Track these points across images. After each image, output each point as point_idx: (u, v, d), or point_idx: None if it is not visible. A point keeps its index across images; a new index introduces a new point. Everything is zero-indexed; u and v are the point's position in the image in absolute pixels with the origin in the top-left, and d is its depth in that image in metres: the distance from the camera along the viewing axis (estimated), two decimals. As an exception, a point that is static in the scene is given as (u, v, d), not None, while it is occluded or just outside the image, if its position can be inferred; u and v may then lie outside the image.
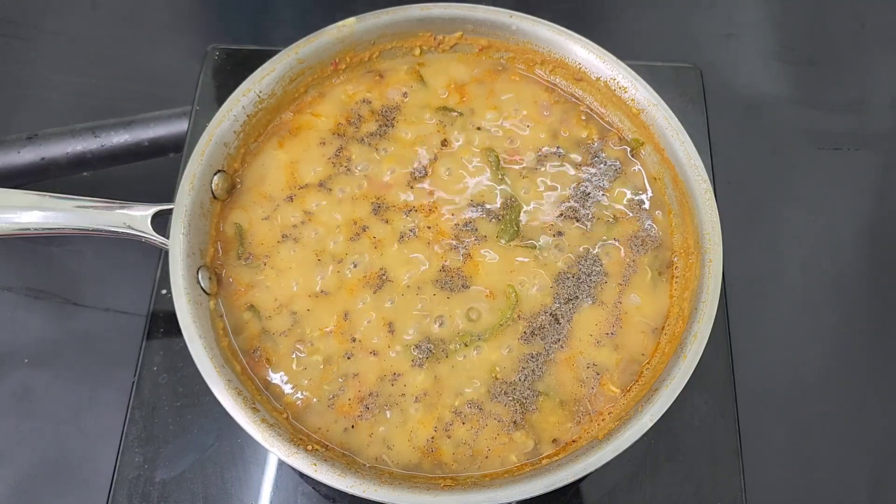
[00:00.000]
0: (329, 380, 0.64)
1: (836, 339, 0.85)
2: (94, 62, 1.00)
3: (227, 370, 0.61)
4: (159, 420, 0.72)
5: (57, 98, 0.97)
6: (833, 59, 1.02)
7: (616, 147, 0.74)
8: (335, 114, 0.75)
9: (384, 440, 0.63)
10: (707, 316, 0.62)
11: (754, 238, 0.90)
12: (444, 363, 0.65)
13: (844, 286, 0.87)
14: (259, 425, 0.58)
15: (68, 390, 0.78)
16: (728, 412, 0.74)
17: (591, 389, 0.65)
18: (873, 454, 0.80)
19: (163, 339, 0.75)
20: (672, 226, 0.71)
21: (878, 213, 0.92)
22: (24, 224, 0.66)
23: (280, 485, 0.71)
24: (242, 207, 0.71)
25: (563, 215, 0.70)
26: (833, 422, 0.81)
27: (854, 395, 0.83)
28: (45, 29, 1.03)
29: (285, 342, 0.66)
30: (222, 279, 0.68)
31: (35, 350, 0.80)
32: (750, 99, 0.99)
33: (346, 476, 0.57)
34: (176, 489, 0.70)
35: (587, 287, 0.68)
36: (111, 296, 0.82)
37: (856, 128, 0.97)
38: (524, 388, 0.64)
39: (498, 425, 0.63)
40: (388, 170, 0.72)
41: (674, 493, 0.71)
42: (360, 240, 0.69)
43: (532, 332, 0.66)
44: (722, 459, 0.72)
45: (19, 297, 0.83)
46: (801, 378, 0.83)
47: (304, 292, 0.67)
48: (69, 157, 0.83)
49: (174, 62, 1.00)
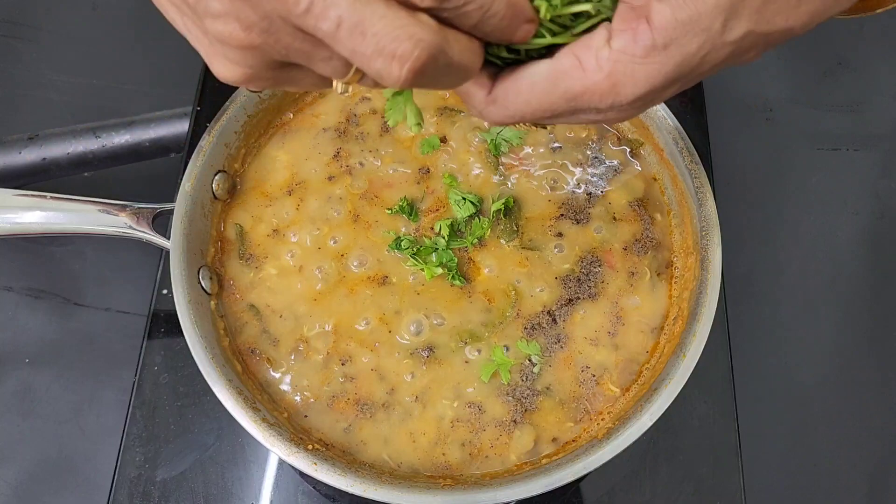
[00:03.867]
0: (329, 380, 0.64)
1: (836, 339, 0.85)
2: (96, 63, 1.01)
3: (227, 370, 0.61)
4: (160, 419, 0.72)
5: (58, 98, 0.97)
6: (833, 59, 1.02)
7: (615, 147, 0.74)
8: (335, 114, 0.75)
9: (384, 440, 0.63)
10: (706, 316, 0.62)
11: (753, 238, 0.90)
12: (443, 363, 0.65)
13: (843, 286, 0.87)
14: (260, 425, 0.58)
15: (69, 390, 0.78)
16: (727, 412, 0.74)
17: (591, 389, 0.65)
18: (872, 454, 0.80)
19: (163, 339, 0.75)
20: (671, 226, 0.71)
21: (876, 213, 0.92)
22: (24, 224, 0.66)
23: (281, 484, 0.71)
24: (243, 207, 0.71)
25: (563, 215, 0.71)
26: (832, 422, 0.82)
27: (853, 395, 0.83)
28: (46, 29, 1.03)
29: (285, 342, 0.66)
30: (223, 279, 0.68)
31: (36, 350, 0.80)
32: (749, 99, 0.99)
33: (346, 475, 0.57)
34: (177, 488, 0.70)
35: (587, 287, 0.68)
36: (112, 296, 0.82)
37: (855, 128, 0.97)
38: (524, 387, 0.64)
39: (497, 425, 0.63)
40: (389, 169, 0.72)
41: (673, 492, 0.71)
42: (360, 239, 0.69)
43: (532, 331, 0.66)
44: (721, 459, 0.72)
45: (20, 296, 0.83)
46: (800, 378, 0.83)
47: (304, 292, 0.67)
48: (70, 158, 0.83)
49: (175, 63, 1.00)
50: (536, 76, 0.42)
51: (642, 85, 0.41)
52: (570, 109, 0.43)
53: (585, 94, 0.42)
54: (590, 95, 0.42)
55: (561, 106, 0.43)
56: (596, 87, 0.41)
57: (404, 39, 0.36)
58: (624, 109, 0.43)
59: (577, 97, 0.42)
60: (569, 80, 0.42)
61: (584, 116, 0.45)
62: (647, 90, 0.41)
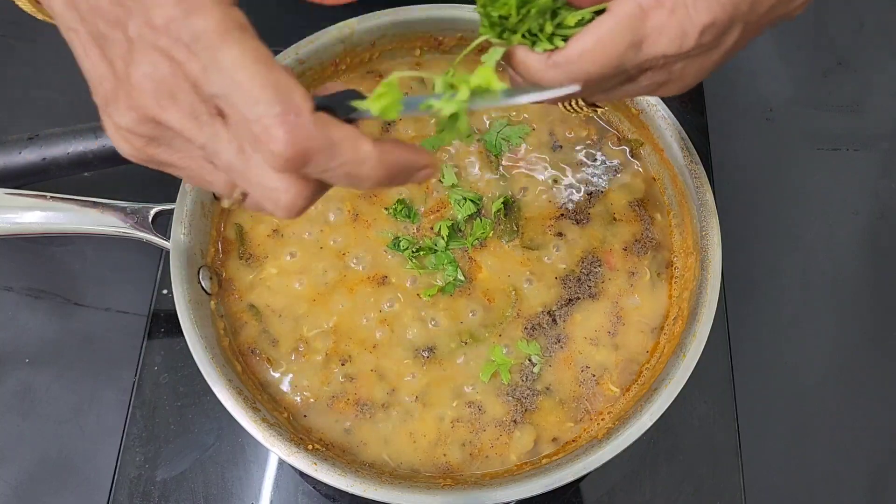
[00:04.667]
0: (329, 380, 0.64)
1: (836, 339, 0.85)
2: (95, 62, 1.00)
3: (227, 370, 0.61)
4: (160, 419, 0.72)
5: (58, 98, 0.97)
6: (832, 59, 1.02)
7: (615, 147, 0.74)
8: (335, 114, 0.75)
9: (384, 440, 0.63)
10: (706, 316, 0.62)
11: (753, 238, 0.90)
12: (444, 363, 0.65)
13: (843, 286, 0.87)
14: (260, 425, 0.58)
15: (69, 390, 0.78)
16: (727, 412, 0.74)
17: (591, 389, 0.65)
18: (873, 454, 0.80)
19: (163, 339, 0.75)
20: (671, 226, 0.71)
21: (876, 213, 0.92)
22: (24, 224, 0.67)
23: (281, 484, 0.71)
24: (243, 207, 0.71)
25: (563, 215, 0.71)
26: (832, 422, 0.81)
27: (853, 395, 0.83)
28: (46, 30, 1.03)
29: (285, 342, 0.66)
30: (223, 279, 0.68)
31: (36, 350, 0.80)
32: (749, 99, 0.99)
33: (346, 475, 0.57)
34: (177, 488, 0.70)
35: (587, 287, 0.68)
36: (112, 296, 0.82)
37: (855, 128, 0.97)
38: (524, 387, 0.64)
39: (498, 425, 0.63)
40: (389, 170, 0.72)
41: (673, 492, 0.71)
42: (360, 239, 0.69)
43: (532, 331, 0.66)
44: (721, 459, 0.72)
45: (20, 296, 0.83)
46: (800, 378, 0.83)
47: (304, 292, 0.67)
48: (70, 158, 0.83)
49: (175, 62, 1.00)
50: (600, 29, 0.43)
51: (704, 14, 0.42)
52: (637, 61, 0.44)
53: (651, 34, 0.43)
54: (656, 36, 0.43)
55: (629, 56, 0.43)
56: (661, 24, 0.42)
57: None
58: (692, 59, 0.44)
59: (644, 41, 0.43)
60: (633, 22, 0.42)
61: (651, 74, 0.45)
62: (710, 21, 0.42)
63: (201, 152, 0.40)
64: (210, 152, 0.39)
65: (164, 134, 0.39)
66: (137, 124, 0.39)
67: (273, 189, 0.38)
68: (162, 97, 0.38)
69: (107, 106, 0.40)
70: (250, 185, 0.39)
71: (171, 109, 0.38)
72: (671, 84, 0.47)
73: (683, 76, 0.46)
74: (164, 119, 0.38)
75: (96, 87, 0.41)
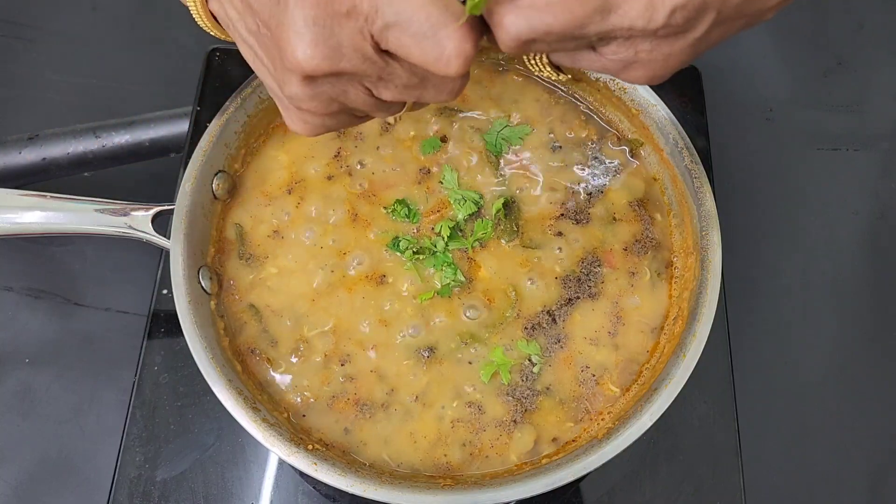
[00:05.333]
0: (329, 380, 0.64)
1: (835, 339, 0.85)
2: (96, 63, 1.01)
3: (227, 370, 0.61)
4: (160, 419, 0.72)
5: (58, 98, 0.97)
6: (833, 59, 1.02)
7: (615, 147, 0.74)
8: (335, 114, 0.75)
9: (384, 440, 0.63)
10: (706, 316, 0.62)
11: (753, 238, 0.90)
12: (443, 363, 0.65)
13: (843, 286, 0.88)
14: (260, 425, 0.58)
15: (69, 390, 0.78)
16: (727, 412, 0.74)
17: (591, 389, 0.65)
18: (873, 454, 0.80)
19: (163, 339, 0.75)
20: (671, 226, 0.71)
21: (876, 213, 0.92)
22: (24, 224, 0.66)
23: (281, 484, 0.71)
24: (243, 208, 0.71)
25: (563, 215, 0.71)
26: (832, 422, 0.82)
27: (853, 395, 0.83)
28: (46, 30, 1.03)
29: (285, 342, 0.66)
30: (223, 279, 0.68)
31: (36, 350, 0.80)
32: (749, 99, 0.99)
33: (346, 475, 0.57)
34: (177, 488, 0.70)
35: (587, 287, 0.68)
36: (112, 296, 0.82)
37: (855, 128, 0.97)
38: (524, 387, 0.64)
39: (498, 425, 0.63)
40: (389, 169, 0.72)
41: (673, 492, 0.71)
42: (360, 239, 0.69)
43: (532, 331, 0.66)
44: (721, 459, 0.72)
45: (20, 296, 0.83)
46: (800, 378, 0.83)
47: (304, 292, 0.67)
48: (70, 158, 0.83)
49: (175, 63, 1.00)
50: None
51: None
52: (603, 28, 0.42)
53: (622, 4, 0.41)
54: (626, 7, 0.41)
55: (595, 20, 0.41)
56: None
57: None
58: (660, 41, 0.43)
59: (613, 9, 0.41)
60: None
61: (616, 48, 0.44)
62: (682, 1, 0.41)
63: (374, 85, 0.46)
64: (386, 77, 0.45)
65: (338, 82, 0.46)
66: (317, 83, 0.46)
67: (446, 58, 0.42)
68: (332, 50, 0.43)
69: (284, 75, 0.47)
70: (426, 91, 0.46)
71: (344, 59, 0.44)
72: (638, 67, 0.45)
73: (651, 60, 0.44)
74: (341, 67, 0.44)
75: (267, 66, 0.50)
